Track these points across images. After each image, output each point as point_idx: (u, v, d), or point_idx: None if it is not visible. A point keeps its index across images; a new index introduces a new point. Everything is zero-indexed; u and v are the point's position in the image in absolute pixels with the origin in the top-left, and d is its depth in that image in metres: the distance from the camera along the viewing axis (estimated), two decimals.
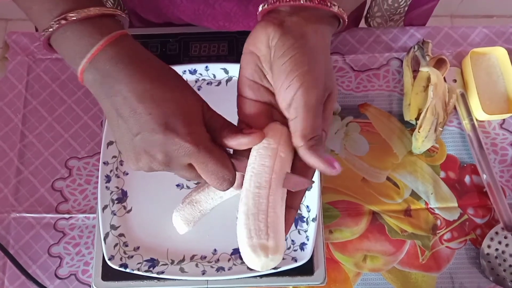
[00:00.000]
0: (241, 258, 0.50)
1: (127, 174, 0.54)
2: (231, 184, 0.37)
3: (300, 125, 0.34)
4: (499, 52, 0.60)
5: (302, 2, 0.35)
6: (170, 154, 0.34)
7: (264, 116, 0.37)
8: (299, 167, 0.36)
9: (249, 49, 0.37)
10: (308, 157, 0.34)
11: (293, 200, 0.37)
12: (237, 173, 0.37)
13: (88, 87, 0.36)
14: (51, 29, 0.35)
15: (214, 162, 0.35)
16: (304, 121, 0.34)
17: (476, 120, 0.58)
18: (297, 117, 0.34)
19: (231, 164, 0.37)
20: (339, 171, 0.34)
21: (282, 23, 0.35)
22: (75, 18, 0.34)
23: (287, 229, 0.35)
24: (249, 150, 0.37)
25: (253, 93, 0.37)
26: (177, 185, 0.54)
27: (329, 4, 0.35)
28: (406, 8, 0.62)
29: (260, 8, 0.37)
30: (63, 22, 0.34)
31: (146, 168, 0.36)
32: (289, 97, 0.34)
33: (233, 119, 0.54)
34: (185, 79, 0.56)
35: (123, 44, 0.35)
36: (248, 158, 0.36)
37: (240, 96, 0.38)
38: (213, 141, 0.36)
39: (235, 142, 0.36)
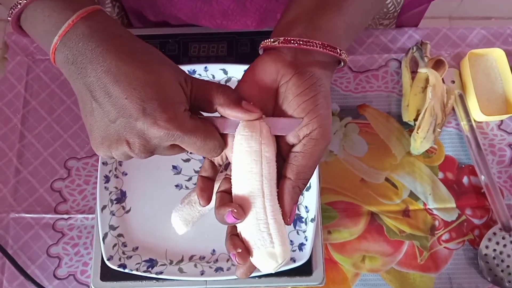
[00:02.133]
0: None
1: (126, 174, 0.54)
2: (222, 149, 0.35)
3: (302, 161, 0.34)
4: (497, 53, 0.60)
5: (315, 48, 0.35)
6: (152, 141, 0.33)
7: None
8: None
9: (252, 79, 0.36)
10: (287, 193, 0.34)
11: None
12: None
13: (60, 67, 0.34)
14: (19, 6, 0.33)
15: (201, 138, 0.33)
16: (306, 159, 0.34)
17: (474, 121, 0.59)
18: (303, 153, 0.34)
19: (217, 133, 0.35)
20: (289, 223, 0.34)
21: (293, 62, 0.35)
22: None
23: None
24: None
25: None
26: (176, 186, 0.54)
27: (339, 51, 0.36)
28: (396, 14, 0.62)
29: (267, 43, 0.37)
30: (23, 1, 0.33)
31: (122, 157, 0.35)
32: (303, 133, 0.34)
33: None
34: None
35: (96, 19, 0.33)
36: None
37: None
38: (193, 117, 0.34)
39: (232, 112, 0.34)
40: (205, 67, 0.56)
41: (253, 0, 0.53)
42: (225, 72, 0.56)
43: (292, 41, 0.35)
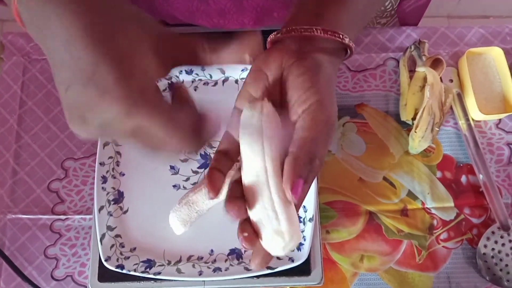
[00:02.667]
0: (237, 259, 0.50)
1: (123, 175, 0.54)
2: (200, 145, 0.31)
3: (302, 134, 0.32)
4: (495, 52, 0.60)
5: (316, 33, 0.35)
6: (101, 118, 0.27)
7: None
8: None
9: (259, 67, 0.36)
10: (286, 167, 0.32)
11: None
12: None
13: (27, 30, 0.30)
14: None
15: (161, 124, 0.28)
16: (306, 132, 0.32)
17: (473, 120, 0.59)
18: (303, 127, 0.33)
19: (187, 122, 0.30)
20: (295, 201, 0.31)
21: (298, 50, 0.35)
22: None
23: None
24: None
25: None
26: (174, 186, 0.54)
27: (341, 36, 0.36)
28: (394, 12, 0.62)
29: (272, 36, 0.37)
30: None
31: (85, 134, 0.29)
32: (302, 109, 0.33)
33: (229, 119, 0.55)
34: (181, 80, 0.56)
35: None
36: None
37: (236, 108, 0.36)
38: (160, 94, 0.29)
39: (228, 54, 0.32)
40: (202, 67, 0.56)
41: None
42: (223, 71, 0.56)
43: (294, 30, 0.35)
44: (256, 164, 0.32)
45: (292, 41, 0.36)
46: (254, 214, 0.33)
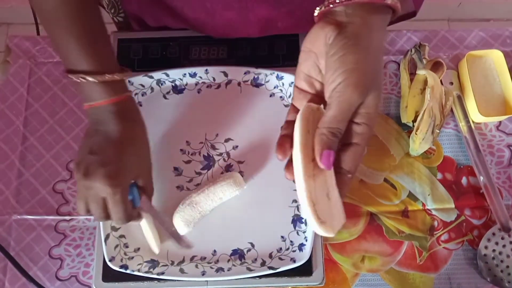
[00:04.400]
0: (240, 259, 0.51)
1: None
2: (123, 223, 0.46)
3: (328, 113, 0.36)
4: (495, 54, 0.60)
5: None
6: (101, 181, 0.43)
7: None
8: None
9: (308, 47, 0.38)
10: (315, 141, 0.36)
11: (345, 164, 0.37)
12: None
13: (88, 114, 0.46)
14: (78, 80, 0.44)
15: (118, 208, 0.44)
16: (331, 110, 0.35)
17: (473, 122, 0.59)
18: (328, 105, 0.36)
19: (131, 214, 0.46)
20: (323, 168, 0.35)
21: (339, 23, 0.36)
22: (91, 81, 0.43)
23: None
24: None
25: (308, 85, 0.39)
26: (177, 187, 0.54)
27: None
28: None
29: (316, 12, 0.39)
30: (83, 80, 0.43)
31: (82, 174, 0.44)
32: (330, 90, 0.36)
33: (233, 121, 0.55)
34: (184, 82, 0.56)
35: (123, 106, 0.46)
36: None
37: (296, 88, 0.40)
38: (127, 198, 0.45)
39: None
40: (206, 70, 0.56)
41: (255, 11, 0.53)
42: (226, 74, 0.57)
43: (331, 3, 0.37)
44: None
45: (334, 15, 0.37)
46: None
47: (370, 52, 0.36)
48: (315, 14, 0.39)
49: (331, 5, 0.37)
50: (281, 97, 0.57)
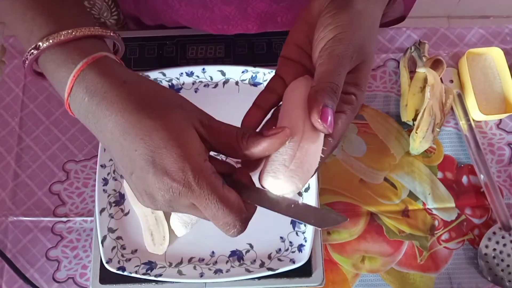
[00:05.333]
0: (238, 260, 0.50)
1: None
2: (240, 231, 0.32)
3: (320, 69, 0.32)
4: (495, 52, 0.60)
5: None
6: (166, 195, 0.30)
7: (298, 75, 0.36)
8: None
9: (302, 16, 0.36)
10: (309, 100, 0.32)
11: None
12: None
13: (80, 120, 0.33)
14: (27, 61, 0.33)
15: (214, 204, 0.30)
16: (324, 66, 0.32)
17: (473, 120, 0.59)
18: (319, 63, 0.33)
19: (239, 208, 0.31)
20: (325, 130, 0.31)
21: None
22: (46, 46, 0.32)
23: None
24: None
25: (296, 55, 0.36)
26: None
27: None
28: None
29: None
30: (34, 52, 0.32)
31: (153, 207, 0.32)
32: (320, 47, 0.33)
33: (231, 120, 0.55)
34: (181, 82, 0.56)
35: (97, 69, 0.31)
36: None
37: (281, 57, 0.37)
38: (215, 175, 0.31)
39: (259, 148, 0.31)
40: (203, 69, 0.56)
41: (254, 5, 0.52)
42: (223, 73, 0.56)
43: None
44: (296, 114, 0.32)
45: None
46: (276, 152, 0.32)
47: (364, 17, 0.34)
48: None
49: None
50: None
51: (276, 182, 0.31)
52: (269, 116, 0.36)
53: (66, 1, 0.34)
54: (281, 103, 0.35)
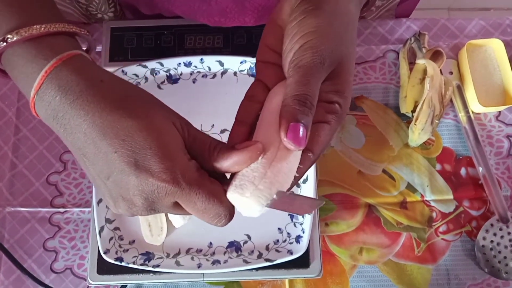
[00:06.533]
0: (236, 251, 0.50)
1: None
2: (229, 219, 0.32)
3: (288, 82, 0.31)
4: (496, 44, 0.59)
5: None
6: (150, 198, 0.29)
7: (281, 77, 0.34)
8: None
9: (273, 18, 0.34)
10: (280, 117, 0.30)
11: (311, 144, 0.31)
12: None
13: (44, 121, 0.31)
14: None
15: (203, 198, 0.29)
16: (290, 79, 0.30)
17: (472, 112, 0.58)
18: (288, 79, 0.31)
19: (225, 197, 0.31)
20: (297, 148, 0.29)
21: None
22: (15, 40, 0.29)
23: (301, 173, 0.31)
24: None
25: (273, 59, 0.34)
26: None
27: None
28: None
29: None
30: (2, 44, 0.30)
31: (128, 214, 0.31)
32: (289, 60, 0.31)
33: (229, 111, 0.54)
34: (179, 72, 0.55)
35: (72, 66, 0.30)
36: None
37: (258, 62, 0.35)
38: (199, 171, 0.30)
39: (229, 162, 0.30)
40: (201, 59, 0.55)
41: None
42: (221, 63, 0.56)
43: None
44: (273, 128, 0.31)
45: None
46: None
47: (335, 17, 0.32)
48: None
49: None
50: None
51: (242, 199, 0.30)
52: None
53: None
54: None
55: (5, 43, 0.30)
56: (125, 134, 0.28)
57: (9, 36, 0.30)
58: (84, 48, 0.35)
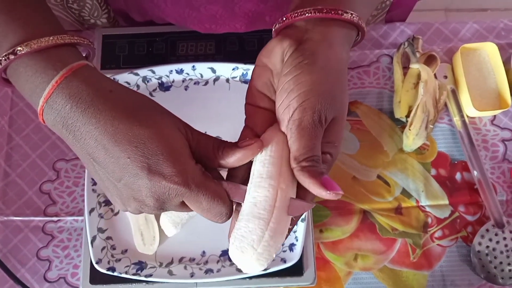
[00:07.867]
0: (229, 260, 0.50)
1: None
2: (228, 217, 0.34)
3: (293, 147, 0.33)
4: (490, 47, 0.59)
5: (310, 14, 0.34)
6: (161, 198, 0.32)
7: (270, 123, 0.36)
8: (300, 188, 0.34)
9: (263, 62, 0.36)
10: (302, 180, 0.32)
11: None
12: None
13: (51, 128, 0.33)
14: (3, 62, 0.31)
15: (208, 199, 0.32)
16: (297, 141, 0.32)
17: (467, 116, 0.58)
18: (291, 138, 0.33)
19: (227, 197, 0.34)
20: (339, 195, 0.31)
21: (298, 38, 0.34)
22: (24, 52, 0.31)
23: (293, 224, 0.34)
24: (246, 170, 0.35)
25: (262, 102, 0.36)
26: None
27: (340, 12, 0.34)
28: (384, 5, 0.61)
29: (274, 27, 0.36)
30: (11, 57, 0.31)
31: (136, 212, 0.34)
32: (287, 118, 0.33)
33: (221, 118, 0.54)
34: (171, 79, 0.55)
35: (82, 77, 0.32)
36: (244, 183, 0.34)
37: (247, 104, 0.37)
38: (204, 174, 0.33)
39: (233, 158, 0.33)
40: (193, 66, 0.55)
41: (241, 4, 0.52)
42: (213, 70, 0.55)
43: (288, 18, 0.34)
44: (265, 203, 0.33)
45: (294, 29, 0.35)
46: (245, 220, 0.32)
47: (328, 72, 0.33)
48: (273, 29, 0.36)
49: (287, 20, 0.35)
50: None
51: (245, 259, 0.32)
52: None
53: (39, 8, 0.34)
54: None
55: (15, 55, 0.31)
56: (138, 141, 0.31)
57: (19, 48, 0.31)
58: (84, 55, 0.37)
